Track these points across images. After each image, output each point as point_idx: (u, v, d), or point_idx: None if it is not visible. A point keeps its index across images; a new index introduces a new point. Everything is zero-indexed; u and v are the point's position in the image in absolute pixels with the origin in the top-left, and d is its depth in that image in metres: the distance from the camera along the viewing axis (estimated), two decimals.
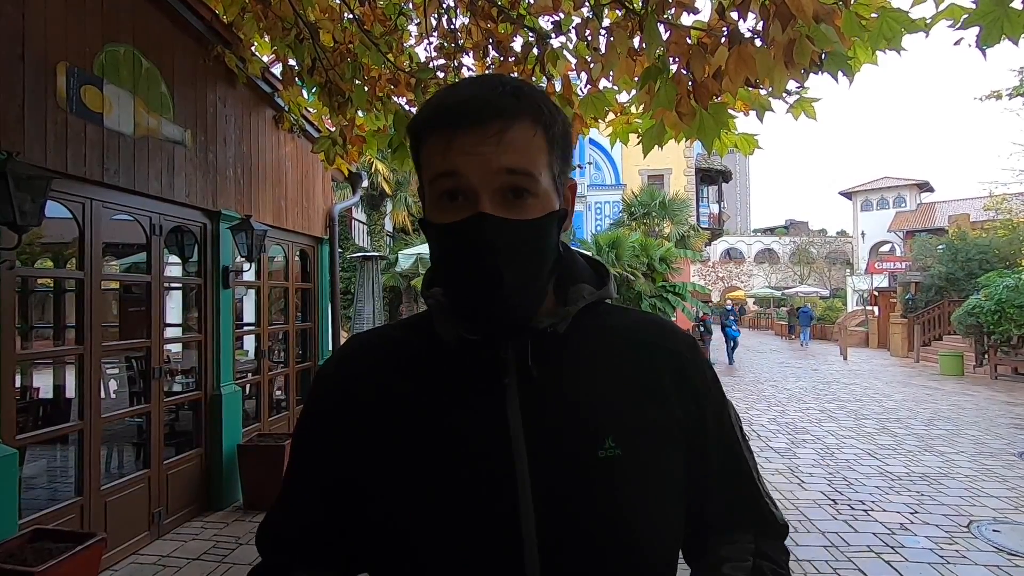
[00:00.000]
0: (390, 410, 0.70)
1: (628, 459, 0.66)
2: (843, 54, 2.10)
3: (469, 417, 0.67)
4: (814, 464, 6.12)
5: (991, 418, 8.65)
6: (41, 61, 3.17)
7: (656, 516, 0.67)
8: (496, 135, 0.63)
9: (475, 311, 0.67)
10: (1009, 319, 12.59)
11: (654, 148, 2.72)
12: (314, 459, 0.75)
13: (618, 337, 0.75)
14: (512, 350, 0.68)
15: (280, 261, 6.21)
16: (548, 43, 3.06)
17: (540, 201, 0.66)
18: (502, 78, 0.68)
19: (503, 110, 0.64)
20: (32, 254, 5.73)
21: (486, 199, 0.63)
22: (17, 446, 3.06)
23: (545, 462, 0.64)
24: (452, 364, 0.70)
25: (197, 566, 3.66)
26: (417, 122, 0.70)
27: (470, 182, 0.63)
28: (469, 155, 0.63)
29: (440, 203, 0.66)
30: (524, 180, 0.65)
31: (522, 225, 0.65)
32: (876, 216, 33.67)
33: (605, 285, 0.76)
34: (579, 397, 0.69)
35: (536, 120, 0.66)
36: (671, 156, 20.48)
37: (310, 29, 3.70)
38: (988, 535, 4.21)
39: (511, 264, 0.64)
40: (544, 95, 0.69)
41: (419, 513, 0.64)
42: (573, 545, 0.63)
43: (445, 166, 0.64)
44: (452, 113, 0.65)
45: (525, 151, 0.65)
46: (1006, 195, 20.06)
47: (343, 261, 10.96)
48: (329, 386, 0.76)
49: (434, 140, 0.66)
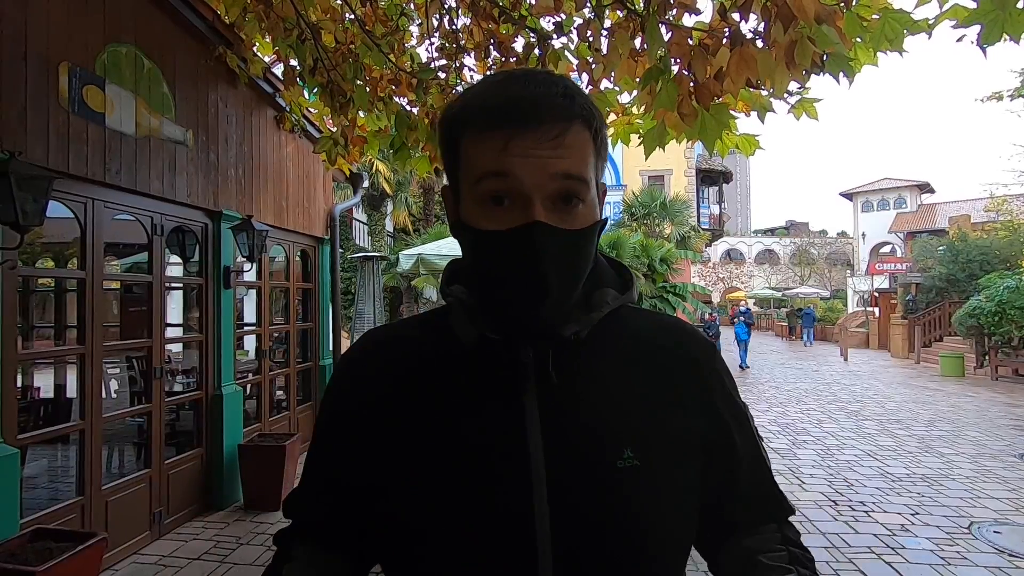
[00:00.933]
0: (406, 411, 0.69)
1: (646, 470, 0.64)
2: (844, 55, 2.10)
3: (486, 421, 0.65)
4: (815, 465, 6.12)
5: (992, 419, 8.64)
6: (43, 61, 3.18)
7: (670, 527, 0.67)
8: (556, 138, 0.60)
9: (512, 318, 0.65)
10: (1010, 320, 12.58)
11: (655, 149, 2.72)
12: (331, 458, 0.76)
13: (638, 343, 0.73)
14: (533, 354, 0.66)
15: (281, 261, 6.21)
16: (549, 44, 3.07)
17: (588, 208, 0.64)
18: (552, 76, 0.65)
19: (560, 112, 0.61)
20: (33, 254, 5.74)
21: (539, 205, 0.60)
22: (18, 446, 3.06)
23: (562, 470, 0.63)
24: (470, 366, 0.68)
25: (198, 566, 3.66)
26: (460, 116, 0.65)
27: (523, 186, 0.60)
28: (525, 158, 0.60)
29: (484, 205, 0.63)
30: (578, 186, 0.62)
31: (573, 236, 0.63)
32: (877, 217, 33.66)
33: (628, 290, 0.74)
34: (598, 406, 0.67)
35: (588, 124, 0.64)
36: (672, 157, 20.50)
37: (312, 29, 3.71)
38: (989, 536, 4.21)
39: (559, 275, 0.62)
40: (589, 96, 0.67)
41: (434, 516, 0.63)
42: (587, 555, 0.62)
43: (497, 167, 0.61)
44: (507, 112, 0.61)
45: (580, 156, 0.62)
46: (1007, 196, 20.07)
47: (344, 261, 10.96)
48: (345, 385, 0.76)
49: (484, 138, 0.62)
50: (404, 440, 0.67)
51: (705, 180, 24.43)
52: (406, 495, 0.65)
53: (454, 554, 0.63)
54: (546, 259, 0.61)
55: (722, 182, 25.51)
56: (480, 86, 0.68)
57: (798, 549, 0.73)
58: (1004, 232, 18.04)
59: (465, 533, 0.63)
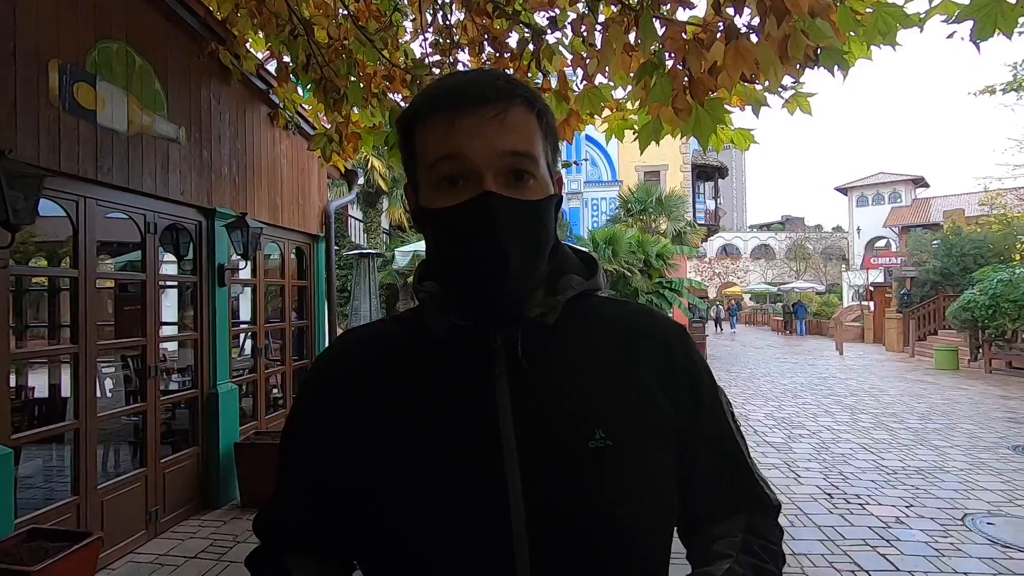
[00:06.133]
0: (377, 406, 0.69)
1: (619, 450, 0.65)
2: (838, 49, 2.10)
3: (457, 409, 0.67)
4: (810, 459, 6.15)
5: (985, 412, 8.70)
6: (33, 58, 3.15)
7: (647, 506, 0.67)
8: (498, 116, 0.64)
9: (475, 295, 0.67)
10: (1003, 313, 12.65)
11: (650, 144, 2.72)
12: (302, 459, 0.75)
13: (608, 328, 0.74)
14: (501, 340, 0.67)
15: (276, 259, 6.19)
16: (544, 39, 3.05)
17: (539, 184, 0.67)
18: (493, 70, 0.70)
19: (501, 92, 0.65)
20: (26, 253, 5.70)
21: (490, 179, 0.63)
22: (12, 445, 3.04)
23: (534, 452, 0.64)
24: (441, 356, 0.70)
25: (194, 564, 3.66)
26: (411, 111, 0.70)
27: (474, 163, 0.63)
28: (473, 136, 0.63)
29: (440, 188, 0.66)
30: (526, 162, 0.65)
31: (527, 205, 0.65)
32: (871, 212, 33.77)
33: (594, 276, 0.76)
34: (569, 388, 0.68)
35: (530, 106, 0.67)
36: (667, 152, 20.51)
37: (304, 25, 3.68)
38: (982, 528, 4.24)
39: (516, 244, 0.64)
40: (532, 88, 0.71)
41: (408, 507, 0.64)
42: (563, 535, 0.63)
43: (447, 149, 0.64)
44: (452, 96, 0.65)
45: (525, 133, 0.66)
46: (1001, 190, 20.16)
47: (339, 259, 10.94)
48: (317, 384, 0.76)
49: (433, 124, 0.65)
50: (376, 436, 0.68)
51: (701, 175, 24.45)
52: (380, 489, 0.66)
53: (430, 543, 0.63)
54: (499, 226, 0.63)
55: (718, 177, 25.53)
56: (430, 84, 0.73)
57: (757, 539, 0.72)
58: (998, 226, 18.12)
59: (440, 521, 0.63)
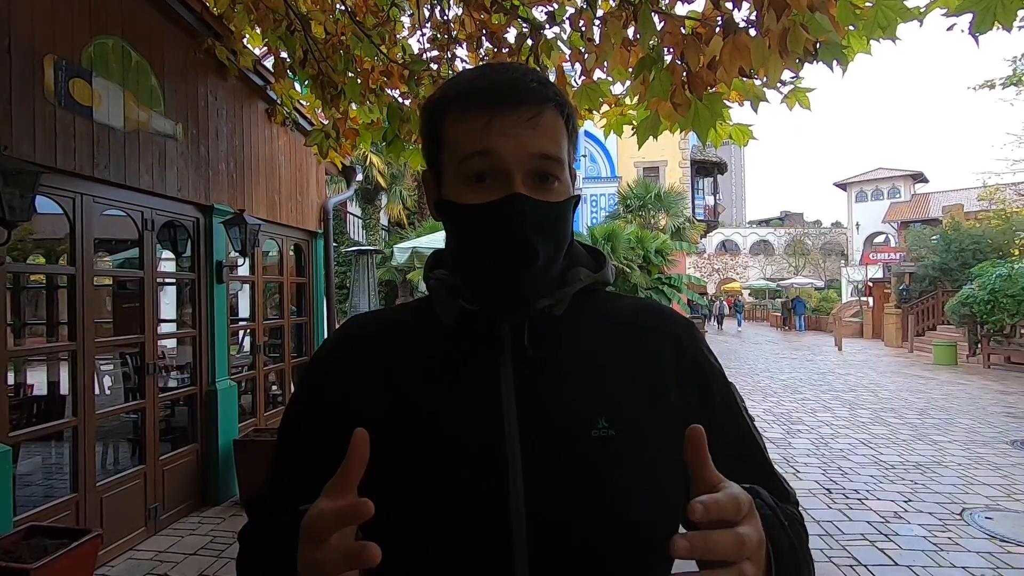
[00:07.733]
0: (381, 392, 0.69)
1: (621, 440, 0.65)
2: (837, 43, 2.09)
3: (461, 394, 0.67)
4: (809, 454, 6.16)
5: (984, 407, 8.71)
6: (28, 54, 3.13)
7: (651, 497, 0.66)
8: (532, 119, 0.65)
9: (497, 290, 0.67)
10: (1002, 308, 12.67)
11: (649, 140, 2.71)
12: (299, 441, 0.75)
13: (615, 321, 0.74)
14: (508, 329, 0.68)
15: (274, 256, 6.18)
16: (542, 34, 3.04)
17: (563, 186, 0.69)
18: (526, 67, 0.70)
19: (536, 95, 0.66)
20: (23, 250, 5.70)
21: (519, 180, 0.65)
22: (11, 443, 3.04)
23: (537, 440, 0.64)
24: (447, 343, 0.70)
25: (194, 561, 3.66)
26: (443, 101, 0.69)
27: (505, 163, 0.64)
28: (507, 137, 0.64)
29: (468, 183, 0.67)
30: (554, 166, 0.67)
31: (552, 207, 0.67)
32: (870, 207, 33.74)
33: (602, 269, 0.77)
34: (574, 378, 0.68)
35: (560, 109, 0.69)
36: (666, 148, 20.50)
37: (301, 21, 3.67)
38: (980, 522, 4.25)
39: (543, 243, 0.66)
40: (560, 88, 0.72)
41: (405, 488, 0.64)
42: (562, 522, 0.63)
43: (481, 146, 0.65)
44: (489, 94, 0.66)
45: (555, 137, 0.67)
46: (1000, 185, 20.14)
47: (338, 255, 10.92)
48: (319, 370, 0.76)
49: (467, 118, 0.66)
50: (378, 421, 0.66)
51: (700, 171, 24.44)
52: (381, 474, 0.64)
53: (429, 529, 0.63)
54: (529, 226, 0.65)
55: (717, 173, 25.52)
56: (461, 75, 0.73)
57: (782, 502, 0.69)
58: (997, 221, 18.12)
59: (440, 506, 0.63)
